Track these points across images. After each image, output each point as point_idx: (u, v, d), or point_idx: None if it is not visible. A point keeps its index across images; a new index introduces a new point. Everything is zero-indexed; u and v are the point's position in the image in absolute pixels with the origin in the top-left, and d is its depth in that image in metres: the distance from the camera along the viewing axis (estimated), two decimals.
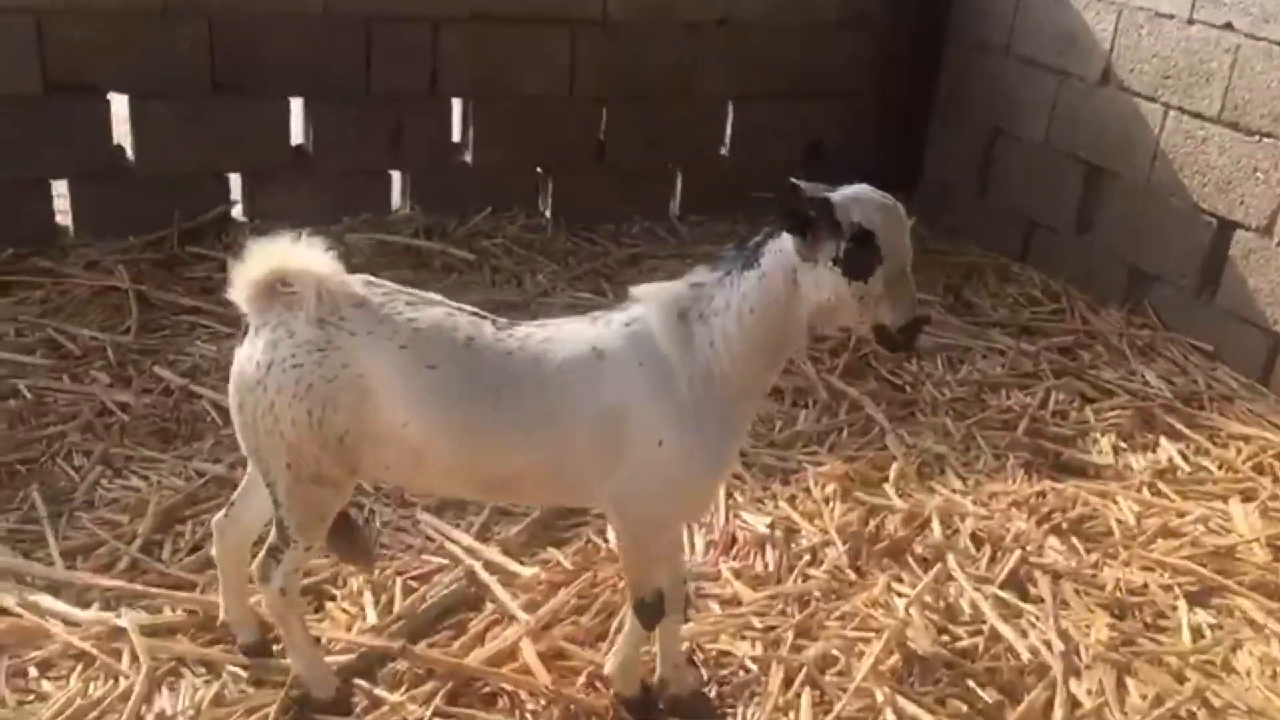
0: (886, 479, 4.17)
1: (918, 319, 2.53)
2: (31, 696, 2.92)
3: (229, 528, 2.96)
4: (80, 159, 5.34)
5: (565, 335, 2.64)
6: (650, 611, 2.85)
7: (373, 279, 2.72)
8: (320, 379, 2.56)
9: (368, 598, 3.32)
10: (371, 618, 3.25)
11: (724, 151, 6.53)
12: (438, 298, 2.71)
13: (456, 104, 6.00)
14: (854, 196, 2.50)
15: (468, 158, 6.02)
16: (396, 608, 3.30)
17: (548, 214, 6.20)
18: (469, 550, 3.56)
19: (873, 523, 3.89)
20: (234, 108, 5.48)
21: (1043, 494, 4.19)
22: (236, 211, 5.74)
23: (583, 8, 5.93)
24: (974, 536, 3.89)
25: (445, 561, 3.51)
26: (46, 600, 3.17)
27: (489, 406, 2.59)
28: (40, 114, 5.18)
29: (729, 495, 3.96)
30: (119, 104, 5.38)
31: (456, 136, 6.08)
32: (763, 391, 2.77)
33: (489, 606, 3.37)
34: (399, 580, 3.40)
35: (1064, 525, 4.01)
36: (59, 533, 3.50)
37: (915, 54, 6.57)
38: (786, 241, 2.52)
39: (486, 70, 5.84)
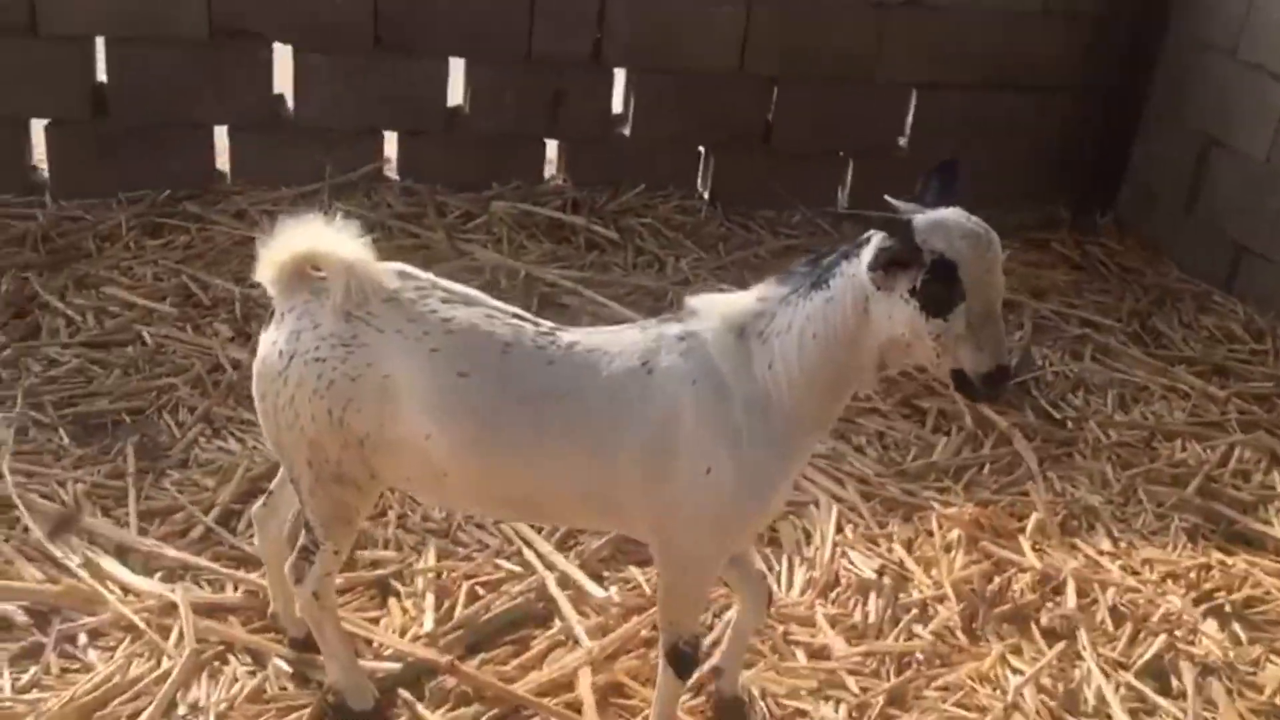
0: (1023, 530, 3.74)
1: (1001, 368, 2.24)
2: (77, 665, 2.87)
3: (269, 519, 2.83)
4: (241, 106, 5.34)
5: (613, 346, 2.41)
6: (686, 661, 2.60)
7: (408, 270, 2.51)
8: (343, 376, 2.39)
9: (430, 600, 3.14)
10: (428, 624, 3.07)
11: (903, 143, 6.07)
12: (477, 295, 2.50)
13: (619, 74, 5.74)
14: (939, 221, 2.23)
15: (626, 131, 5.77)
16: (458, 615, 3.12)
17: (705, 196, 5.90)
18: (545, 560, 3.34)
19: (997, 580, 3.49)
20: (393, 65, 5.38)
21: (1207, 567, 3.68)
22: (389, 170, 5.66)
23: None
24: (1115, 610, 3.44)
25: (518, 569, 3.31)
26: (109, 564, 3.12)
27: (524, 422, 2.38)
28: (204, 59, 5.20)
29: (838, 529, 3.63)
30: (282, 54, 5.36)
31: (617, 108, 5.84)
32: (825, 425, 2.52)
33: (557, 624, 3.16)
34: (465, 585, 3.21)
35: (1226, 608, 3.52)
36: (142, 492, 3.46)
37: (1129, 49, 5.93)
38: (860, 265, 2.24)
39: (653, 40, 5.56)
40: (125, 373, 4.03)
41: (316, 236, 2.41)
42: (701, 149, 5.94)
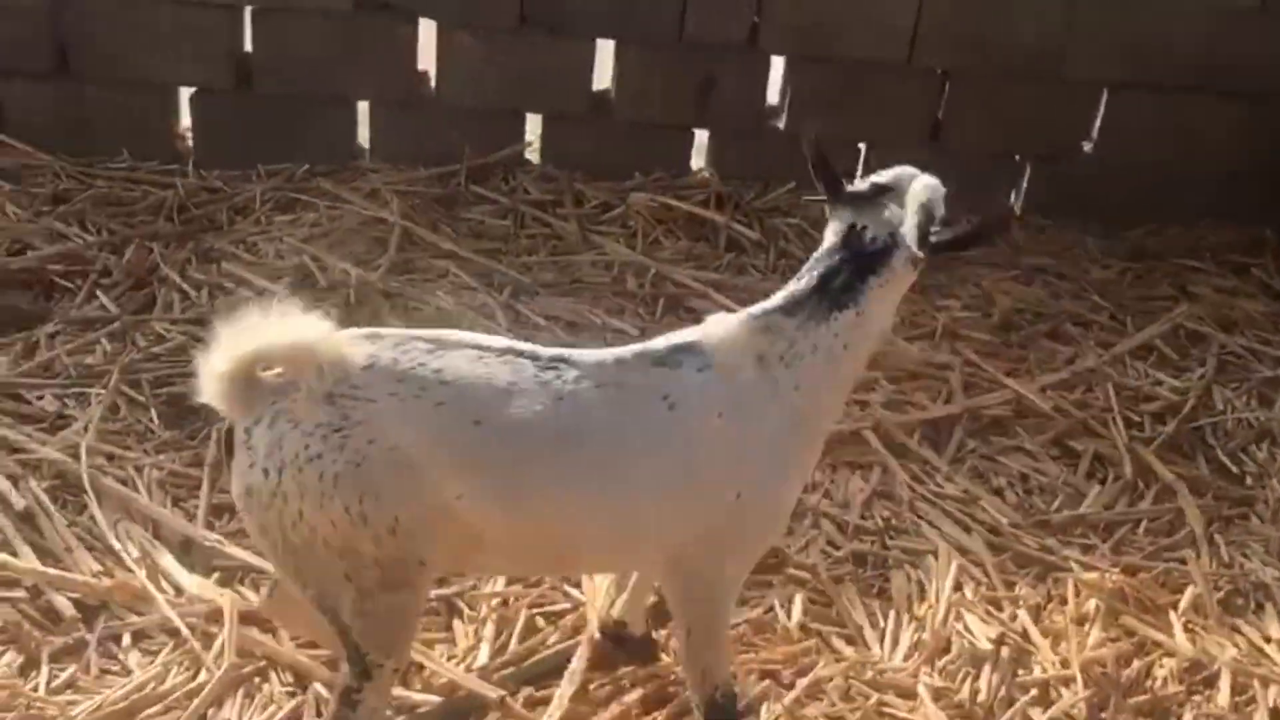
0: (1175, 606, 3.26)
1: None
2: (116, 668, 2.76)
3: (288, 608, 2.53)
4: (383, 82, 5.22)
5: (626, 380, 2.24)
6: (725, 713, 2.47)
7: (377, 330, 2.24)
8: (347, 465, 2.11)
9: (489, 631, 2.91)
10: (483, 656, 2.84)
11: (1088, 148, 5.51)
12: (457, 336, 2.25)
13: (777, 62, 5.39)
14: (926, 183, 2.30)
15: (781, 124, 5.41)
16: (513, 648, 2.88)
17: None
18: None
19: (1137, 665, 3.03)
20: (539, 45, 5.16)
21: None
22: (530, 153, 5.46)
23: None
24: (1277, 714, 2.94)
25: (586, 600, 3.04)
26: (167, 561, 3.00)
27: (542, 465, 2.17)
28: (349, 32, 5.09)
29: (957, 586, 3.23)
30: (426, 29, 5.21)
31: (773, 99, 5.49)
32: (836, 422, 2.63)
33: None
34: (525, 615, 2.97)
35: None
36: (218, 484, 3.33)
37: None
38: (898, 271, 2.29)
39: (815, 26, 5.18)
40: None
41: (259, 332, 2.11)
42: (862, 146, 5.54)
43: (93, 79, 5.08)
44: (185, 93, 5.26)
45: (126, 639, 2.81)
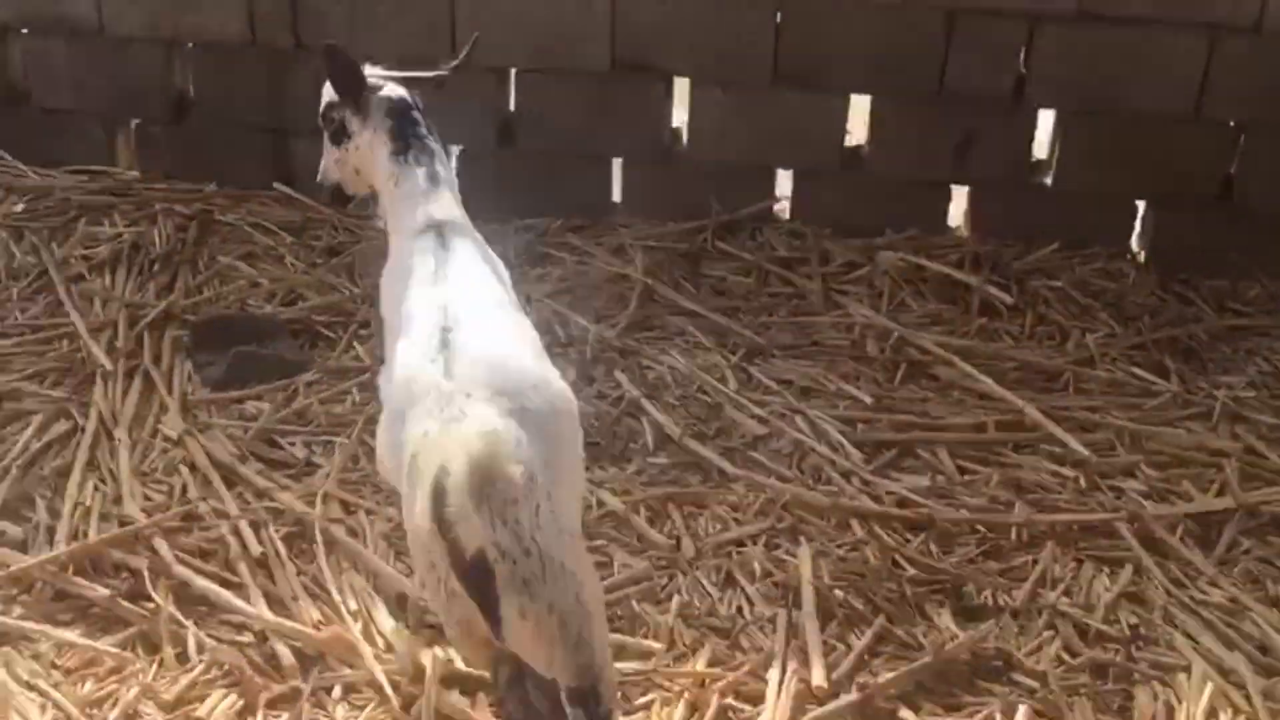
0: None
1: None
2: (324, 718, 2.85)
3: None
4: (637, 139, 5.29)
5: (477, 292, 2.66)
6: None
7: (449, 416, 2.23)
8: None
9: (679, 713, 2.82)
10: None
11: None
12: (419, 355, 2.42)
13: (1044, 117, 5.08)
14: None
15: (1048, 180, 5.10)
16: None
17: (1140, 257, 5.09)
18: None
19: None
20: (792, 99, 5.08)
21: None
22: (780, 209, 5.38)
23: (1233, 9, 4.69)
24: None
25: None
26: (381, 616, 3.09)
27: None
28: (605, 91, 5.19)
29: (1210, 713, 2.87)
30: (678, 86, 5.25)
31: (1040, 153, 5.17)
32: None
33: None
34: (717, 701, 2.85)
35: None
36: None
37: None
38: None
39: (1087, 78, 4.86)
40: None
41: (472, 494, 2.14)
42: (1140, 204, 5.14)
43: None
44: (454, 150, 5.51)
45: (337, 691, 2.90)
